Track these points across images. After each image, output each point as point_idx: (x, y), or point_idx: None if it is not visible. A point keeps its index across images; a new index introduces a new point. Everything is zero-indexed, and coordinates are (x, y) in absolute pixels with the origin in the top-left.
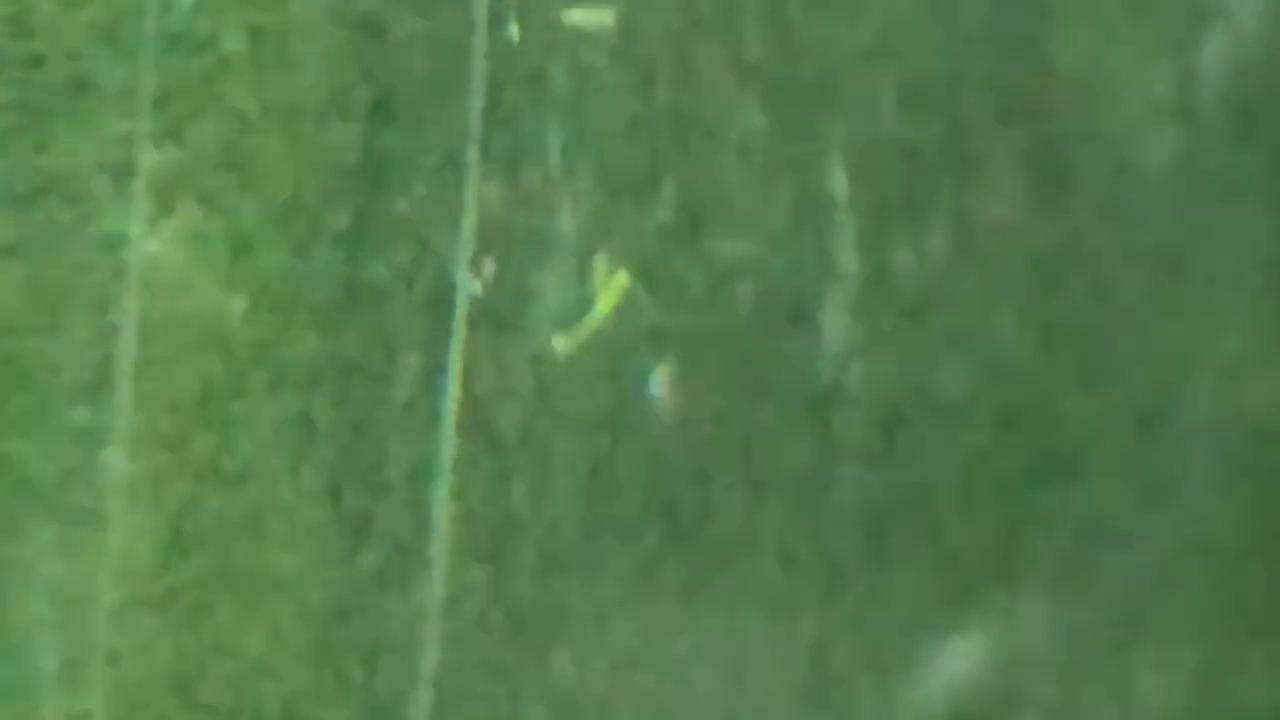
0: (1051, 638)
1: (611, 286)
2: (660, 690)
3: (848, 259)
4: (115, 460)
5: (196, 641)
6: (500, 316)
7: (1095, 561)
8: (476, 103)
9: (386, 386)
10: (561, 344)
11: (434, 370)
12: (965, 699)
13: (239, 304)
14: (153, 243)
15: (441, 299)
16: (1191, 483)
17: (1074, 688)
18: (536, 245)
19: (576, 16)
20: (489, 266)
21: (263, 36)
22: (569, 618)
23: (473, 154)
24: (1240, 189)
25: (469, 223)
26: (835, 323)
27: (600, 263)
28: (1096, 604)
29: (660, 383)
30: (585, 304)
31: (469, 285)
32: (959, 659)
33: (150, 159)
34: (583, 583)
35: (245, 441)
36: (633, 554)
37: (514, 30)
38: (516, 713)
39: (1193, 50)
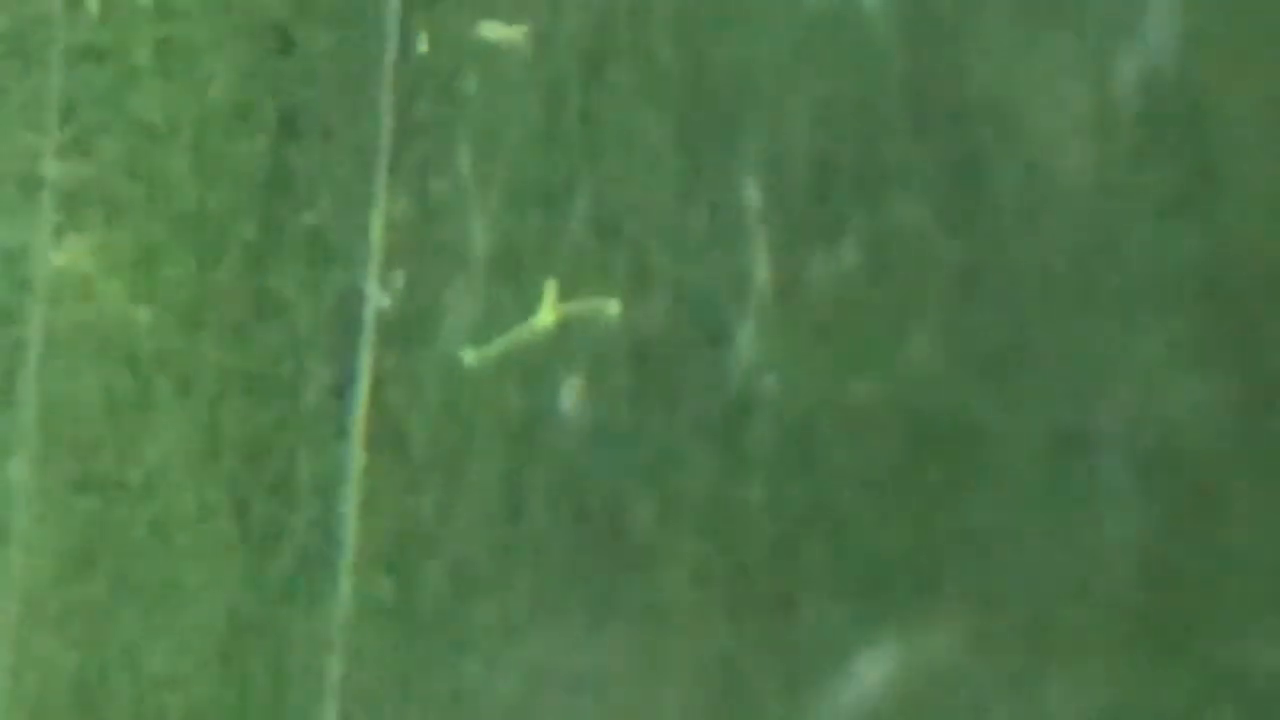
0: (964, 653)
1: (551, 303)
2: (569, 704)
3: (761, 272)
4: (19, 472)
5: (100, 655)
6: (409, 329)
7: (1009, 576)
8: (386, 115)
9: (294, 399)
10: (471, 357)
11: (342, 382)
12: (877, 714)
13: (145, 316)
14: (58, 254)
15: (350, 311)
16: (1106, 496)
17: (986, 703)
18: (446, 258)
19: (487, 30)
20: (398, 279)
21: (170, 48)
22: (477, 631)
23: (382, 167)
24: (1156, 203)
25: (378, 235)
26: (748, 336)
27: (550, 288)
28: (1010, 619)
29: (571, 396)
30: (496, 317)
31: (378, 298)
32: (871, 674)
33: (56, 170)
34: (492, 596)
35: (151, 453)
36: (542, 567)
37: (424, 43)
38: None
39: (1109, 65)
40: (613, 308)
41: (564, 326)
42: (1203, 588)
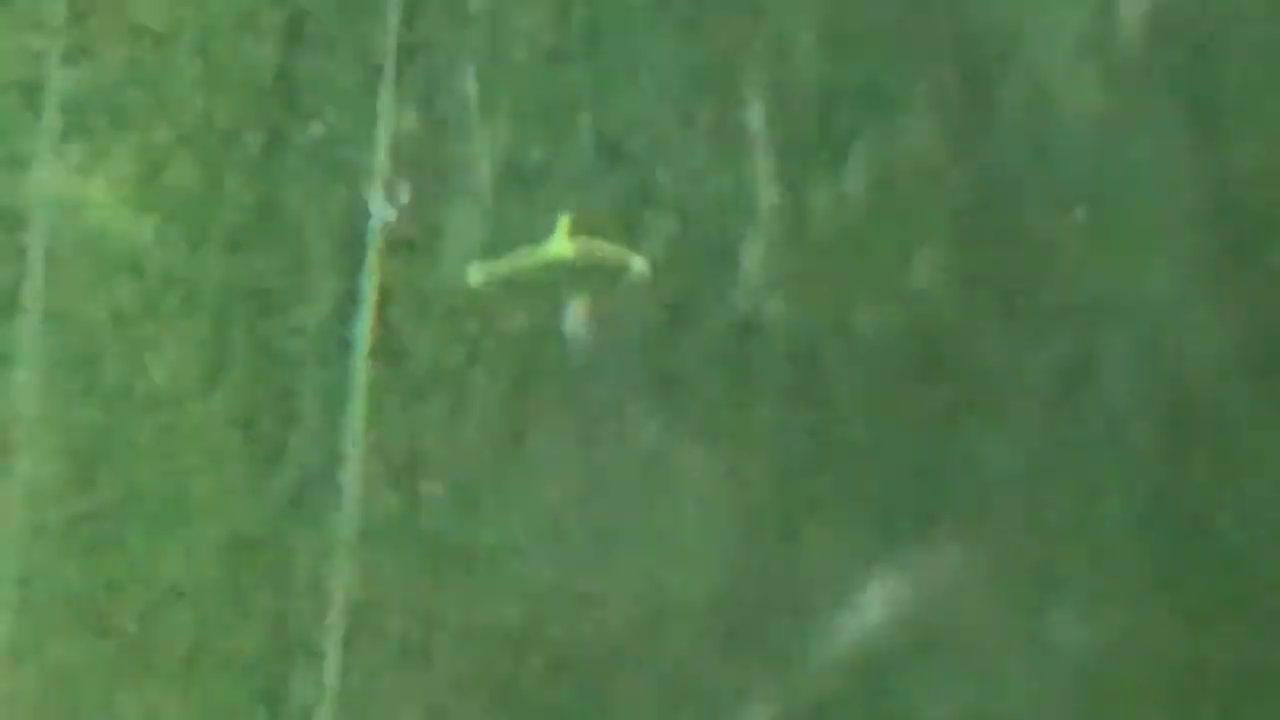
0: (968, 582)
1: (564, 236)
2: (574, 626)
3: (766, 195)
4: (24, 384)
5: (106, 568)
6: (415, 243)
7: (1014, 505)
8: (392, 26)
9: (300, 312)
10: (476, 274)
11: (347, 296)
12: (880, 643)
13: (149, 226)
14: (61, 162)
15: (355, 224)
16: (1113, 428)
17: (992, 632)
18: (452, 174)
19: None
20: (404, 193)
21: None
22: (482, 549)
23: (388, 80)
24: (1164, 130)
25: (383, 148)
26: (754, 258)
27: (562, 224)
28: (1014, 550)
29: (577, 316)
30: (501, 235)
31: (383, 211)
32: (875, 602)
33: (61, 77)
34: (496, 515)
35: (156, 366)
36: (546, 488)
37: None
38: (428, 643)
39: None
40: (637, 264)
41: (578, 256)
42: (1208, 518)
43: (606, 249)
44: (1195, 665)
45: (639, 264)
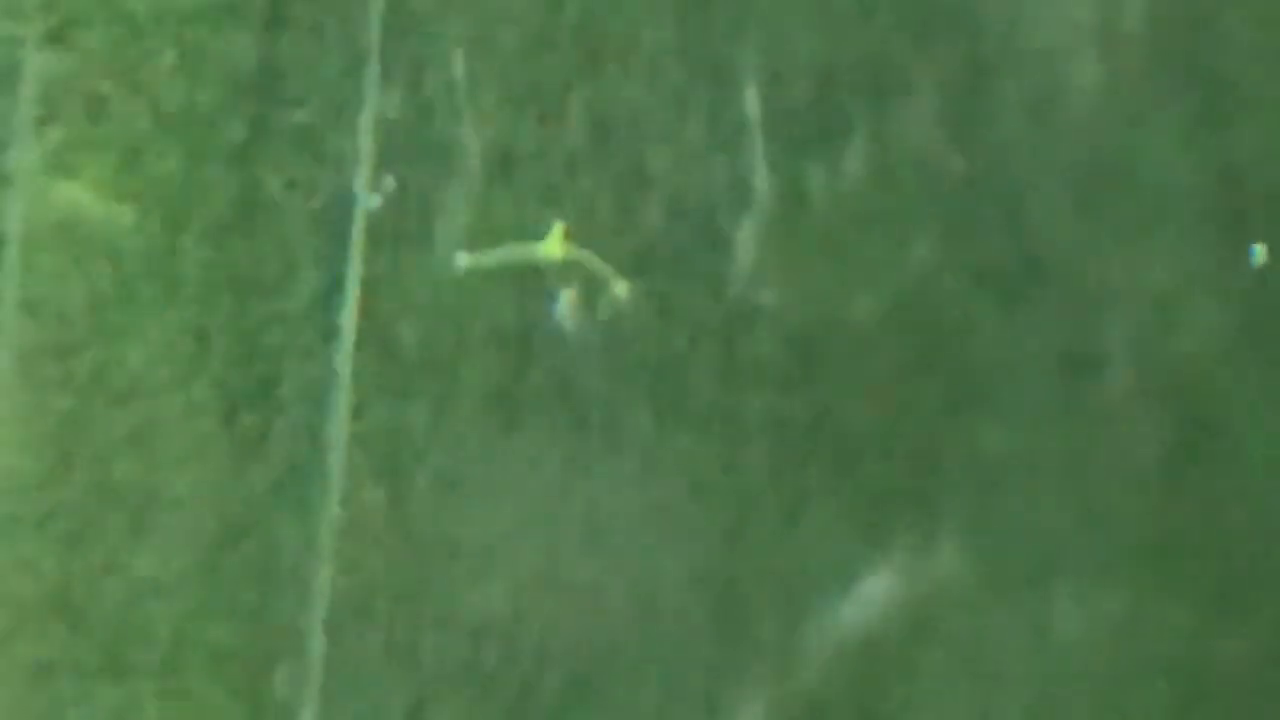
0: (968, 573)
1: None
2: (563, 617)
3: (761, 180)
4: None
5: (81, 561)
6: (401, 231)
7: (1014, 496)
8: (377, 8)
9: (283, 301)
10: (465, 262)
11: (332, 285)
12: (878, 633)
13: (128, 214)
14: (39, 149)
15: (340, 212)
16: (1113, 416)
17: (991, 625)
18: (439, 161)
19: None
20: (389, 181)
21: None
22: (469, 541)
23: (373, 65)
24: (1166, 115)
25: (368, 135)
26: (748, 245)
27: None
28: (1014, 539)
29: (568, 302)
30: (489, 223)
31: (368, 199)
32: (872, 592)
33: (37, 62)
34: (484, 506)
35: (135, 355)
36: (536, 479)
37: None
38: (414, 636)
39: None
40: (621, 288)
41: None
42: (1210, 506)
43: (595, 263)
44: (1197, 655)
45: (622, 288)
